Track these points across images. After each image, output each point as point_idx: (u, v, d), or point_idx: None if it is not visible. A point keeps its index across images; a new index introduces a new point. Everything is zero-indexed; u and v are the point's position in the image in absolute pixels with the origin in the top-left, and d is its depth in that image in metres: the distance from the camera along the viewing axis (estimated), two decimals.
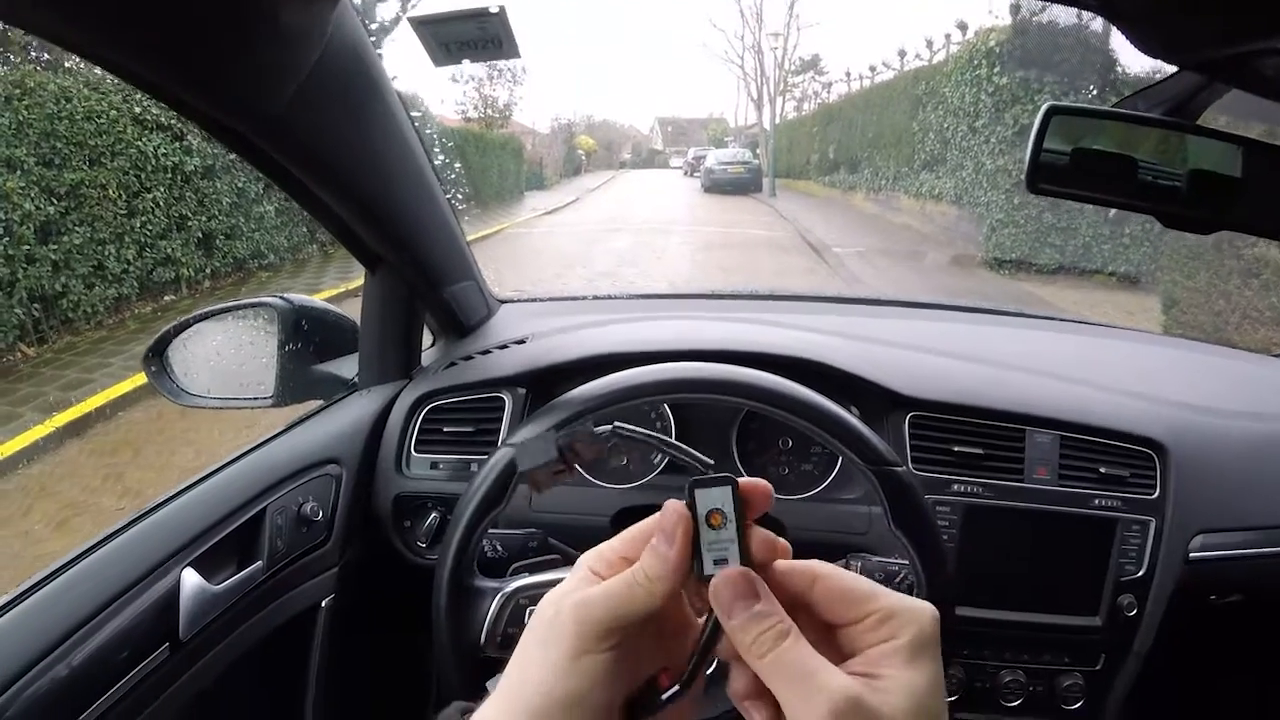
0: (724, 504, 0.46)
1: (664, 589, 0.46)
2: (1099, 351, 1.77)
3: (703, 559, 0.46)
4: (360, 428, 1.34)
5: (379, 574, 1.33)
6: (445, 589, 0.94)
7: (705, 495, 0.46)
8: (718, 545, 0.46)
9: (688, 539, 0.46)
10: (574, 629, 0.45)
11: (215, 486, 1.12)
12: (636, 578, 0.46)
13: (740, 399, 0.98)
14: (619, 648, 0.46)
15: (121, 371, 6.13)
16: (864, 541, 1.26)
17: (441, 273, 1.39)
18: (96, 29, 0.64)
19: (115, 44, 0.67)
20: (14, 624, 0.85)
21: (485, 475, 0.95)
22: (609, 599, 0.46)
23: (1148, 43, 0.70)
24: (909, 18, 49.96)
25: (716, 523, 0.46)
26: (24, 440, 5.01)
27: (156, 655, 0.94)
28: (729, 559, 0.46)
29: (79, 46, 0.68)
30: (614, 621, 0.45)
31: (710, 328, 1.57)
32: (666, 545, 0.46)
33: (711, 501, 0.46)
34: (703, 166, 28.15)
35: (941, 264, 11.61)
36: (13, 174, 6.15)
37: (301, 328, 1.39)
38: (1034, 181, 0.93)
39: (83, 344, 6.87)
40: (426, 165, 1.22)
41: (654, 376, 0.99)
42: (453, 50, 0.89)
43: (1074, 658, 1.30)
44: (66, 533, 4.05)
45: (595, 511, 1.33)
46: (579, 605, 0.46)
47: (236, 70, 0.76)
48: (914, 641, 0.43)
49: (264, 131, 0.88)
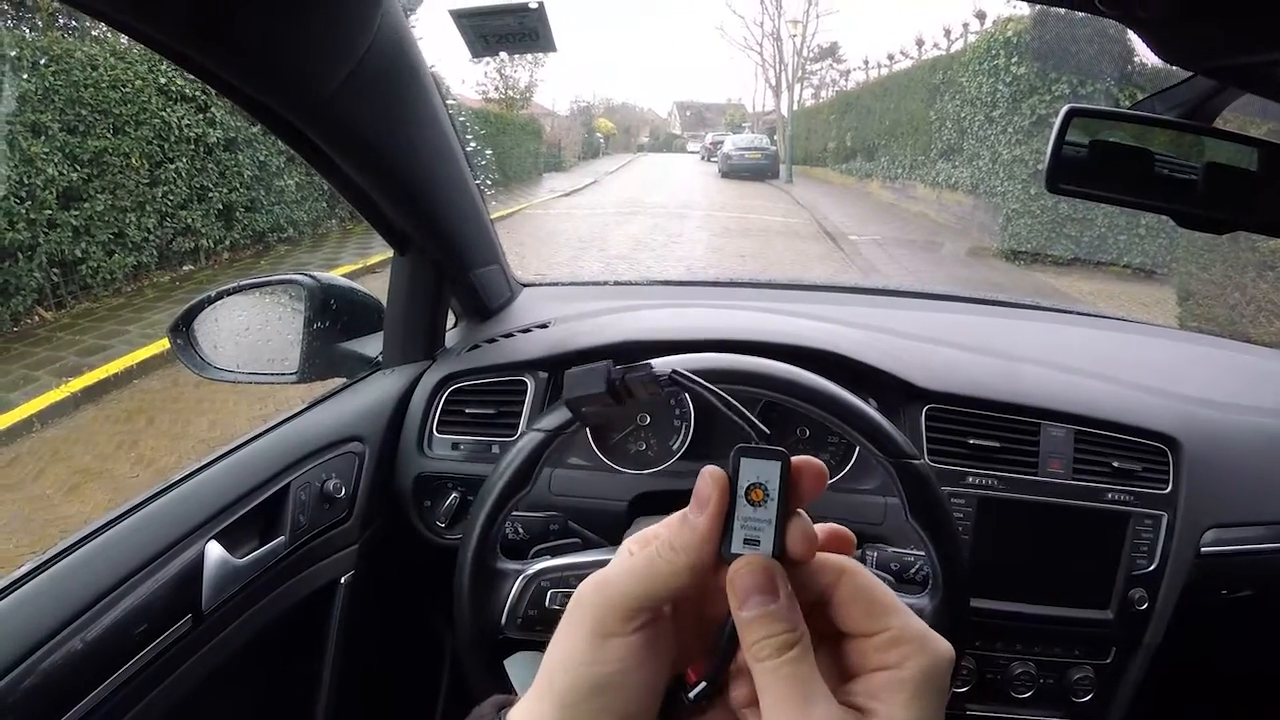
0: (769, 480, 0.41)
1: (688, 561, 0.41)
2: (1113, 345, 1.78)
3: (733, 536, 0.41)
4: (384, 407, 1.35)
5: (398, 552, 1.34)
6: (469, 569, 0.95)
7: (750, 466, 0.41)
8: (752, 523, 0.41)
9: (722, 509, 0.41)
10: (593, 610, 0.42)
11: (241, 461, 1.14)
12: (660, 551, 0.42)
13: (761, 389, 0.99)
14: (648, 629, 0.42)
15: (139, 339, 6.16)
16: (880, 532, 1.27)
17: (469, 256, 1.41)
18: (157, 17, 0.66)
19: (172, 29, 0.69)
20: (37, 591, 0.86)
21: (513, 458, 0.96)
22: (629, 575, 0.42)
23: (1166, 49, 0.71)
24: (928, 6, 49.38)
25: (757, 498, 0.41)
26: (40, 404, 5.05)
27: (179, 626, 0.96)
28: (761, 541, 0.41)
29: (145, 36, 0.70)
30: (638, 600, 0.41)
31: (729, 317, 1.58)
32: (698, 513, 0.41)
33: (756, 474, 0.41)
34: (720, 152, 27.95)
35: (958, 254, 11.56)
36: (38, 139, 6.18)
37: (329, 306, 1.40)
38: (1054, 181, 0.94)
39: (100, 310, 6.91)
40: (460, 151, 1.24)
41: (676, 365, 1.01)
42: (491, 42, 0.91)
43: (1085, 651, 1.31)
44: (78, 498, 4.07)
45: (614, 496, 1.34)
46: (599, 585, 0.43)
47: (290, 56, 0.78)
48: (920, 677, 0.39)
49: (310, 116, 0.90)
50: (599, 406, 0.79)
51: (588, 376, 0.85)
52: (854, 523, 1.29)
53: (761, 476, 0.41)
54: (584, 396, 0.81)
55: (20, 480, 4.30)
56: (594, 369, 0.82)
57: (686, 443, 1.37)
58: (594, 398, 0.83)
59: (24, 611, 0.84)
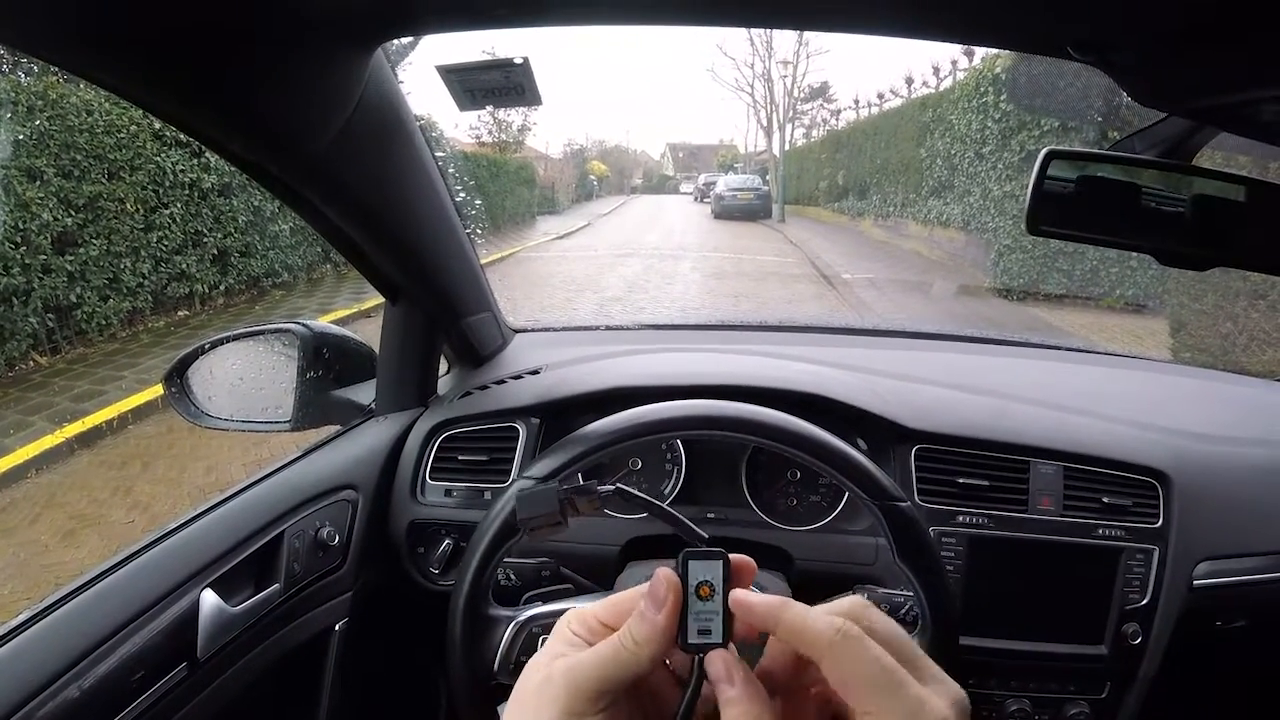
0: (714, 577, 0.48)
1: (651, 653, 0.47)
2: (1103, 381, 1.79)
3: (688, 628, 0.47)
4: (377, 454, 1.36)
5: (392, 599, 1.34)
6: (461, 616, 0.96)
7: (697, 567, 0.48)
8: (704, 616, 0.48)
9: (677, 607, 0.47)
10: (565, 693, 0.46)
11: (235, 509, 1.14)
12: (624, 642, 0.47)
13: (749, 436, 1.00)
14: (607, 710, 0.47)
15: (133, 384, 6.16)
16: (871, 572, 1.28)
17: (460, 305, 1.43)
18: (150, 81, 0.68)
19: (165, 92, 0.71)
20: (35, 639, 0.86)
21: (504, 505, 0.97)
22: (599, 662, 0.47)
23: (1141, 93, 0.73)
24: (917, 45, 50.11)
25: (705, 594, 0.48)
26: (35, 449, 5.04)
27: (175, 674, 0.95)
28: (712, 630, 0.47)
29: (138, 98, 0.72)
30: (603, 684, 0.46)
31: (720, 362, 1.59)
32: (655, 610, 0.47)
33: (703, 573, 0.48)
34: (713, 193, 28.01)
35: (950, 291, 11.61)
36: (33, 184, 6.24)
37: (322, 354, 1.41)
38: (1034, 223, 0.95)
39: (95, 355, 6.93)
40: (449, 202, 1.26)
41: (666, 414, 1.02)
42: (478, 97, 0.93)
43: (1080, 686, 1.31)
44: (73, 545, 4.05)
45: (606, 541, 1.35)
46: (570, 669, 0.47)
47: (280, 117, 0.80)
48: None
49: (302, 174, 0.92)
50: (548, 525, 0.88)
51: (540, 496, 0.89)
52: (845, 563, 1.30)
53: (707, 575, 0.48)
54: (535, 517, 0.86)
55: (16, 525, 4.28)
56: (546, 490, 0.87)
57: (678, 487, 1.38)
58: (544, 516, 0.87)
59: (22, 660, 0.84)
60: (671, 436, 1.04)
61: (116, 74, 0.69)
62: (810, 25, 0.86)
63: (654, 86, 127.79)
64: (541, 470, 0.99)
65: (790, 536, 1.33)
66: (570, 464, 0.99)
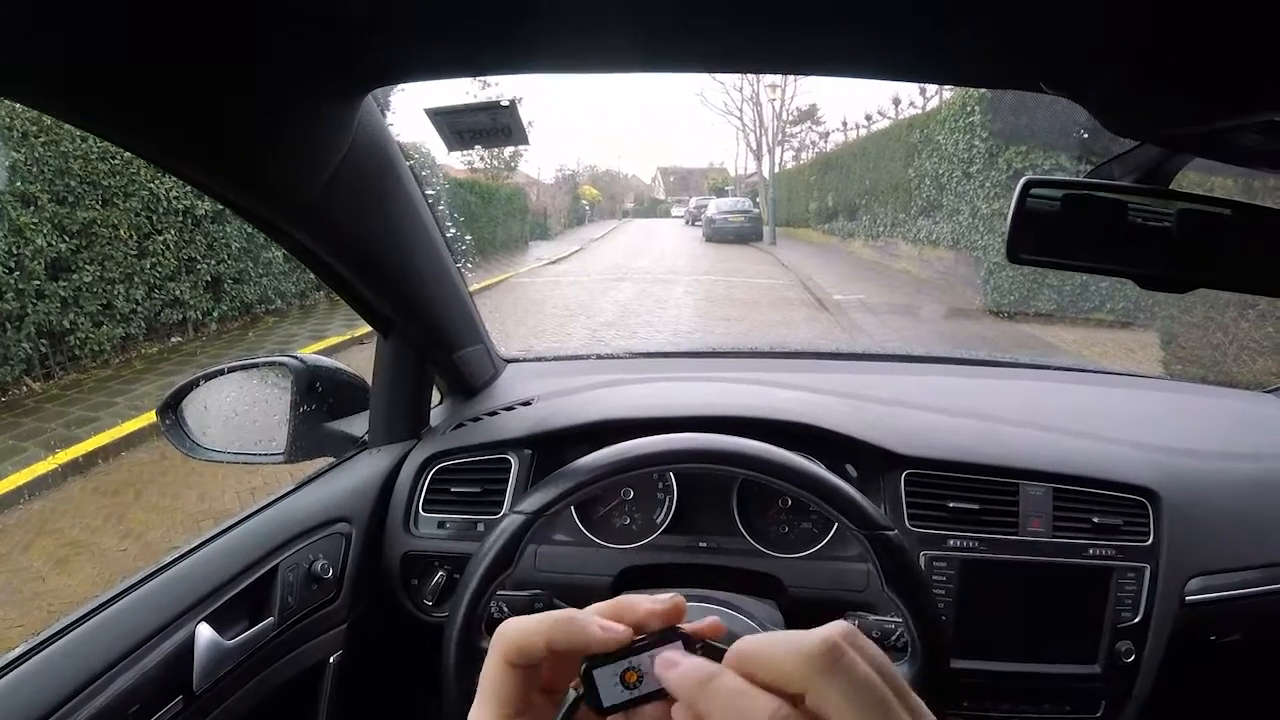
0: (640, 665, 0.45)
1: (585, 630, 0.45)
2: (1091, 399, 1.81)
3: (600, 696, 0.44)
4: (370, 487, 1.37)
5: (386, 631, 1.35)
6: (455, 647, 0.96)
7: (605, 674, 0.45)
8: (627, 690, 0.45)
9: None
10: (495, 644, 0.46)
11: (230, 543, 1.15)
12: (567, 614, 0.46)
13: (737, 469, 1.01)
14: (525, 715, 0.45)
15: (126, 411, 6.14)
16: (862, 599, 1.28)
17: (451, 338, 1.44)
18: (141, 131, 0.70)
19: (156, 142, 0.73)
20: (33, 672, 0.87)
21: (495, 539, 0.98)
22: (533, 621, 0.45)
23: (1114, 123, 0.75)
24: None
25: (632, 680, 0.44)
26: (27, 475, 5.01)
27: (171, 707, 0.96)
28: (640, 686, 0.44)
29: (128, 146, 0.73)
30: (525, 638, 0.45)
31: (710, 392, 1.60)
32: None
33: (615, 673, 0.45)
34: (704, 216, 27.92)
35: (941, 311, 11.63)
36: (27, 209, 6.24)
37: (315, 387, 1.43)
38: (1014, 250, 0.96)
39: (89, 382, 6.90)
40: (440, 238, 1.28)
41: (655, 448, 1.03)
42: (465, 138, 0.95)
43: (1074, 706, 1.31)
44: (66, 572, 4.02)
45: (600, 571, 1.35)
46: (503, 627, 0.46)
47: (272, 165, 0.82)
48: None
49: (294, 217, 0.93)
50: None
51: None
52: (837, 590, 1.30)
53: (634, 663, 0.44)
54: None
55: (8, 552, 4.25)
56: None
57: (669, 516, 1.39)
58: None
59: (20, 693, 0.84)
60: (661, 469, 1.05)
61: (107, 124, 0.71)
62: (788, 69, 0.89)
63: (644, 111, 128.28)
64: (533, 504, 1.00)
65: (782, 564, 1.33)
66: (562, 497, 1.00)
